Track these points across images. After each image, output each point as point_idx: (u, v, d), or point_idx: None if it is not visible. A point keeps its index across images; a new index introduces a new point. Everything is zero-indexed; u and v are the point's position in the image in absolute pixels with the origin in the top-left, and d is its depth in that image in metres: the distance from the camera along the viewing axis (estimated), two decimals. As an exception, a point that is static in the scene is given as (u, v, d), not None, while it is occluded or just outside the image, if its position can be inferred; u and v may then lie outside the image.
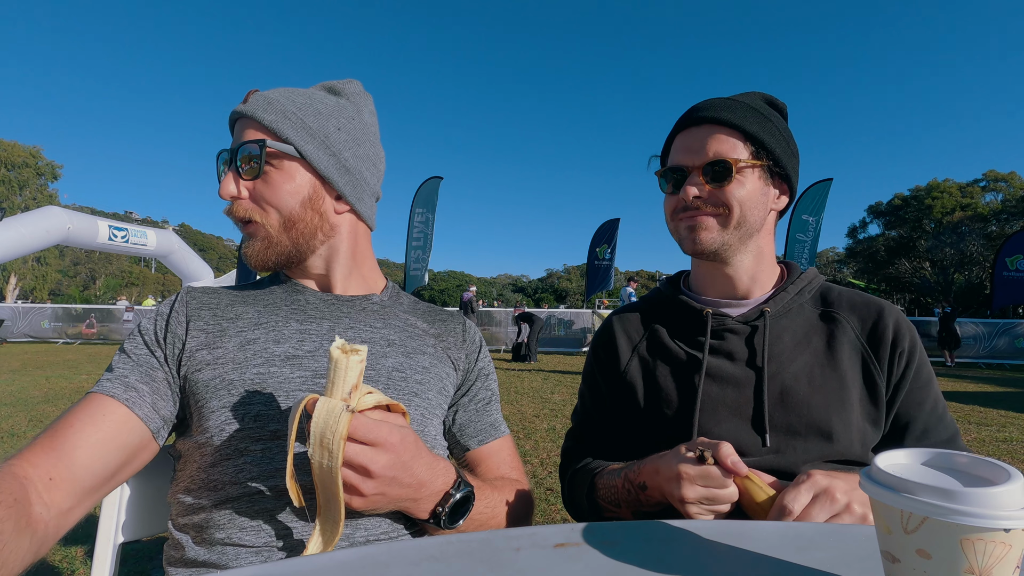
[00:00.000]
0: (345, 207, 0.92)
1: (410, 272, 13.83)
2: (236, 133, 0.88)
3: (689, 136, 0.95)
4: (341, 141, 0.89)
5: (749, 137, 0.92)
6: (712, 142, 0.92)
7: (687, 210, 0.95)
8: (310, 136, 0.87)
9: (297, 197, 0.86)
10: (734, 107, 0.94)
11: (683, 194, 0.93)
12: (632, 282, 13.26)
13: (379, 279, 1.01)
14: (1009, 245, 13.87)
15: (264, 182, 0.85)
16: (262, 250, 0.87)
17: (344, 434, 0.63)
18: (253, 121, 0.86)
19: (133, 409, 0.77)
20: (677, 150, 0.97)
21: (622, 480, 0.88)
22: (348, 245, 0.94)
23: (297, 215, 0.87)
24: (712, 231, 0.93)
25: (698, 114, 0.95)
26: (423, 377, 0.89)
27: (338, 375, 0.64)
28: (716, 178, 0.92)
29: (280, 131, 0.85)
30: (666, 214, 1.00)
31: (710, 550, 0.57)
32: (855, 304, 0.97)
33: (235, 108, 0.88)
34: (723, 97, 0.97)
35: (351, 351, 0.65)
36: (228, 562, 0.73)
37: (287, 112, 0.86)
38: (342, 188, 0.90)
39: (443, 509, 0.74)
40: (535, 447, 4.60)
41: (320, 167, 0.87)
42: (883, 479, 0.42)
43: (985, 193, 42.43)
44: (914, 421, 0.90)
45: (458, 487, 0.76)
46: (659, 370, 0.99)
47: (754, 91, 1.02)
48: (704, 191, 0.92)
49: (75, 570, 2.49)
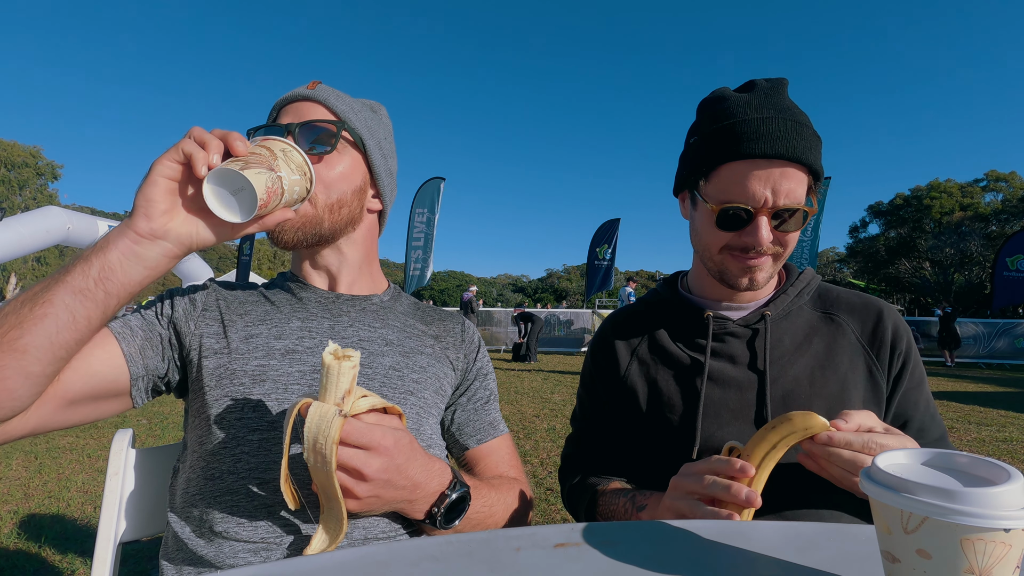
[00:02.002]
0: (377, 206, 0.98)
1: (410, 272, 13.84)
2: (293, 113, 0.89)
3: (757, 172, 0.84)
4: (387, 148, 0.98)
5: (811, 172, 0.87)
6: (784, 183, 0.84)
7: (746, 251, 0.88)
8: (370, 134, 0.93)
9: (351, 184, 0.90)
10: (804, 137, 0.85)
11: (754, 240, 0.85)
12: (631, 282, 13.27)
13: (382, 280, 1.03)
14: (1009, 245, 13.88)
15: (327, 163, 0.88)
16: (301, 225, 0.86)
17: (336, 439, 0.63)
18: (321, 106, 0.89)
19: (120, 343, 0.77)
20: (739, 186, 0.85)
21: (631, 505, 0.87)
22: (365, 244, 0.97)
23: (346, 200, 0.90)
24: (767, 271, 0.91)
25: (770, 148, 0.83)
26: (419, 376, 0.90)
27: (331, 380, 0.65)
28: (786, 223, 0.87)
29: (350, 120, 0.90)
30: (710, 245, 0.91)
31: (710, 550, 0.57)
32: (854, 306, 0.97)
33: (299, 91, 0.90)
34: (781, 118, 0.86)
35: (344, 357, 0.66)
36: (225, 557, 0.74)
37: (354, 108, 0.92)
38: (383, 188, 0.96)
39: (439, 509, 0.75)
40: (535, 447, 4.61)
41: (375, 162, 0.94)
42: (883, 479, 0.42)
43: (985, 193, 42.42)
44: (911, 420, 0.91)
45: (454, 487, 0.76)
46: (660, 374, 0.98)
47: (775, 81, 0.92)
48: (772, 236, 0.87)
49: (75, 570, 2.49)
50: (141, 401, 0.81)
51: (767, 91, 0.90)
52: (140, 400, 0.81)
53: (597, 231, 15.66)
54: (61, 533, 2.86)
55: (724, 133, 0.87)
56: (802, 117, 0.88)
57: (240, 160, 0.67)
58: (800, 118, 0.87)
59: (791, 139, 0.84)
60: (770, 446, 0.71)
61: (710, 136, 0.89)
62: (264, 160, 0.69)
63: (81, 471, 3.87)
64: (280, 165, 0.70)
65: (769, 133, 0.84)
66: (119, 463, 0.94)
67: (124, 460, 0.95)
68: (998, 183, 41.96)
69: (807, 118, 0.89)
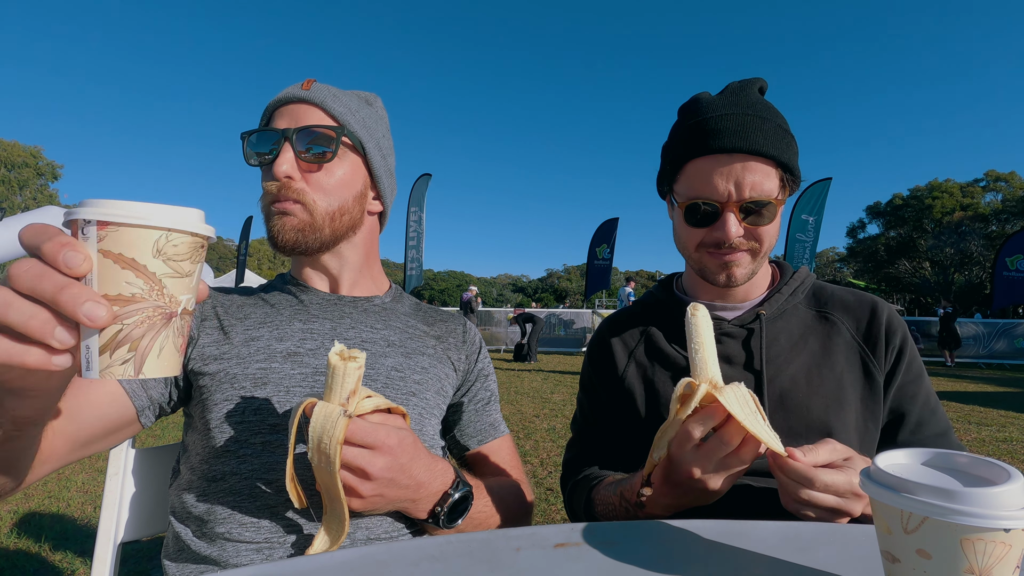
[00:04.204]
0: (379, 208, 0.96)
1: (408, 272, 13.87)
2: (290, 115, 0.86)
3: (719, 168, 0.86)
4: (386, 147, 0.95)
5: (780, 164, 0.87)
6: (748, 175, 0.85)
7: (719, 247, 0.89)
8: (369, 135, 0.91)
9: (352, 191, 0.89)
10: (765, 130, 0.86)
11: (722, 235, 0.87)
12: (631, 282, 13.28)
13: (384, 281, 1.03)
14: (1009, 245, 13.86)
15: (326, 170, 0.85)
16: (302, 228, 0.83)
17: (341, 439, 0.63)
18: (318, 109, 0.86)
19: (122, 381, 0.77)
20: (703, 181, 0.87)
21: (619, 498, 0.86)
22: (366, 245, 0.96)
23: (348, 207, 0.88)
24: (745, 267, 0.91)
25: (728, 143, 0.85)
26: (421, 377, 0.90)
27: (336, 381, 0.65)
28: (755, 216, 0.87)
29: (349, 124, 0.87)
30: (686, 244, 0.94)
31: (710, 550, 0.57)
32: (848, 304, 0.97)
33: (293, 92, 0.86)
34: (741, 112, 0.88)
35: (349, 358, 0.66)
36: (228, 557, 0.74)
37: (352, 109, 0.89)
38: (384, 189, 0.94)
39: (442, 509, 0.75)
40: (535, 447, 4.60)
41: (375, 166, 0.91)
42: (883, 479, 0.42)
43: (985, 193, 42.45)
44: (908, 414, 0.91)
45: (456, 487, 0.76)
46: (657, 375, 0.98)
47: (747, 81, 0.95)
48: (741, 230, 0.87)
49: (75, 570, 2.49)
50: (149, 423, 0.82)
51: (735, 90, 0.93)
52: (148, 423, 0.82)
53: (597, 231, 15.67)
54: (61, 533, 2.86)
55: (688, 132, 0.90)
56: (767, 112, 0.89)
57: (111, 336, 0.42)
58: (764, 113, 0.89)
59: (750, 133, 0.85)
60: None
61: (677, 136, 0.93)
62: (145, 311, 0.43)
63: (81, 471, 3.87)
64: (168, 289, 0.44)
65: (728, 128, 0.86)
66: (119, 463, 0.94)
67: (124, 460, 0.95)
68: (998, 183, 41.99)
69: (776, 113, 0.90)
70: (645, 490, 0.76)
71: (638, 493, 0.77)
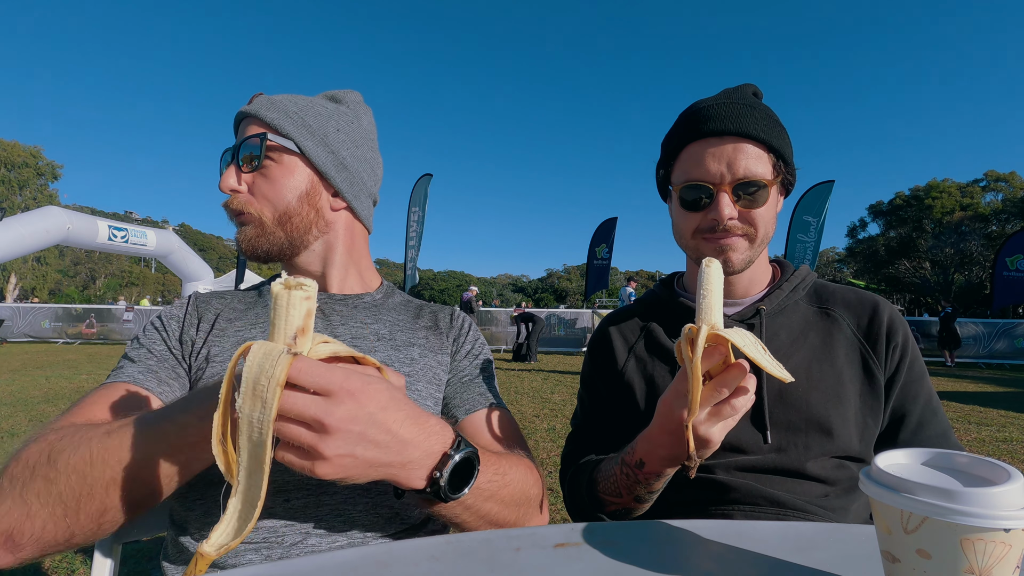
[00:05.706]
0: (342, 204, 0.95)
1: (407, 271, 13.88)
2: (240, 132, 0.92)
3: (711, 150, 0.89)
4: (339, 140, 0.93)
5: (772, 150, 0.89)
6: (741, 158, 0.88)
7: (714, 231, 0.90)
8: (310, 133, 0.90)
9: (295, 192, 0.89)
10: (755, 117, 0.89)
11: (716, 215, 0.88)
12: (631, 282, 13.27)
13: (374, 278, 1.04)
14: (1009, 245, 13.87)
15: (263, 176, 0.88)
16: (254, 238, 0.88)
17: (282, 379, 0.50)
18: (256, 119, 0.89)
19: (162, 400, 0.79)
20: (696, 164, 0.90)
21: (619, 466, 0.86)
22: (345, 243, 0.96)
23: (293, 209, 0.89)
24: (742, 252, 0.91)
25: (719, 125, 0.89)
26: (410, 369, 0.91)
27: (279, 315, 0.53)
28: (749, 198, 0.88)
29: (281, 127, 0.88)
30: (683, 231, 0.95)
31: (710, 550, 0.57)
32: (849, 301, 0.98)
33: (240, 109, 0.92)
34: (732, 102, 0.92)
35: (296, 286, 0.53)
36: (228, 558, 0.74)
37: (288, 111, 0.90)
38: (339, 184, 0.93)
39: (441, 474, 0.62)
40: (535, 447, 4.60)
41: (318, 162, 0.90)
42: (883, 479, 0.42)
43: (985, 193, 42.46)
44: (909, 414, 0.91)
45: (457, 447, 0.64)
46: (657, 370, 0.99)
47: (742, 85, 0.99)
48: (735, 211, 0.89)
49: (75, 570, 2.49)
50: None
51: (729, 91, 0.97)
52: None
53: (596, 231, 15.68)
54: (61, 533, 2.86)
55: (682, 121, 0.95)
56: (759, 104, 0.93)
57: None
58: (755, 104, 0.93)
59: (740, 117, 0.89)
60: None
61: (674, 130, 0.98)
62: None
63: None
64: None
65: (719, 114, 0.90)
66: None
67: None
68: (998, 183, 42.00)
69: (767, 107, 0.94)
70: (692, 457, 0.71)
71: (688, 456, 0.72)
